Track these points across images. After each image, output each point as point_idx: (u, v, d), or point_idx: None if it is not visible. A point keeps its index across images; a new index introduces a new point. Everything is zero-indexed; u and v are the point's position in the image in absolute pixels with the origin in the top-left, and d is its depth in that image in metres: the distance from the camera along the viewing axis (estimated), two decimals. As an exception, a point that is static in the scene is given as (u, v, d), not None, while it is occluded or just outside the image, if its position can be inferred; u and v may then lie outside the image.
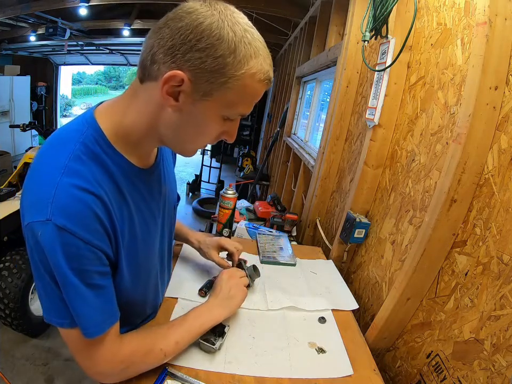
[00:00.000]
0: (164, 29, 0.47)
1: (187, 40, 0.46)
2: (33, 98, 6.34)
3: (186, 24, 0.46)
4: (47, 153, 0.52)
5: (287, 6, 3.07)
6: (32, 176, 0.51)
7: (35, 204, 0.48)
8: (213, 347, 0.71)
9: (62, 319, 0.52)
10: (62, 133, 0.55)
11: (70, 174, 0.48)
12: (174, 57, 0.47)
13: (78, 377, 1.77)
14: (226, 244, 0.99)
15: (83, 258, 0.49)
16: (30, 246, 0.49)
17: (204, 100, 0.50)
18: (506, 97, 0.67)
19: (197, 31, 0.45)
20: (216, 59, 0.46)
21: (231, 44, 0.46)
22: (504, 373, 0.58)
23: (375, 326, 0.91)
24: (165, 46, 0.47)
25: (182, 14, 0.47)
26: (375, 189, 1.19)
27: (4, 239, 1.98)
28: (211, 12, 0.47)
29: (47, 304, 0.53)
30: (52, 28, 3.96)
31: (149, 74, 0.50)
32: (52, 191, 0.47)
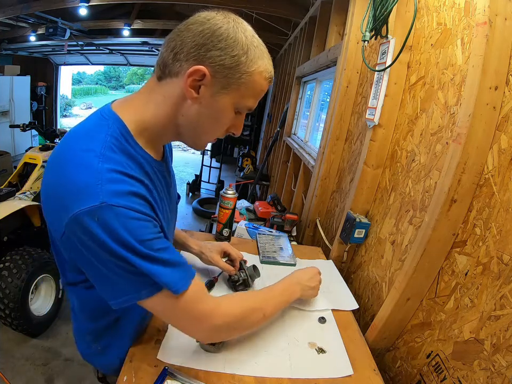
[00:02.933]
0: (185, 32, 0.55)
1: (209, 41, 0.54)
2: (33, 98, 6.34)
3: (207, 28, 0.54)
4: (76, 145, 0.53)
5: (287, 6, 3.07)
6: (64, 167, 0.51)
7: (81, 191, 0.48)
8: (213, 347, 0.71)
9: (139, 292, 0.54)
10: (86, 126, 0.57)
11: (108, 161, 0.51)
12: (197, 55, 0.54)
13: (78, 377, 1.77)
14: (230, 249, 0.99)
15: (142, 228, 0.52)
16: (84, 236, 0.49)
17: (221, 93, 0.57)
18: (506, 97, 0.67)
19: (217, 34, 0.54)
20: (233, 57, 0.55)
21: (244, 45, 0.55)
22: (504, 373, 0.58)
23: (375, 326, 0.91)
24: (188, 46, 0.54)
25: (202, 20, 0.55)
26: (375, 189, 1.19)
27: (4, 239, 1.99)
28: (226, 20, 0.55)
29: (117, 288, 0.54)
30: (52, 27, 3.96)
31: (170, 71, 0.56)
32: (97, 176, 0.49)
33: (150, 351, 0.70)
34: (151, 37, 5.00)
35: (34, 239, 2.16)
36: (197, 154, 7.25)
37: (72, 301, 0.70)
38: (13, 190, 2.07)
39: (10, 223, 1.99)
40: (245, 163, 5.39)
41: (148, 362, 0.67)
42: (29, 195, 2.17)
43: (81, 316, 0.70)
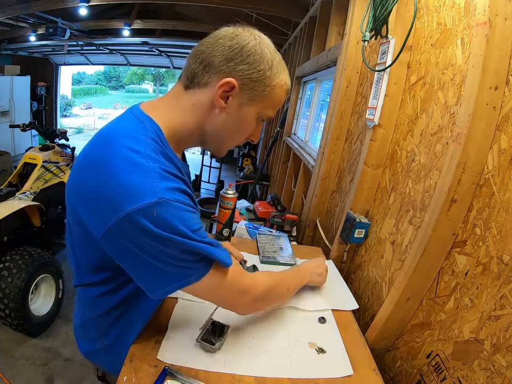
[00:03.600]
0: (215, 46, 0.59)
1: (238, 55, 0.58)
2: (33, 98, 6.34)
3: (236, 43, 0.59)
4: (119, 146, 0.54)
5: (287, 6, 3.07)
6: (111, 168, 0.52)
7: (136, 190, 0.50)
8: (213, 347, 0.71)
9: (189, 277, 0.58)
10: (122, 127, 0.59)
11: (155, 161, 0.54)
12: (227, 68, 0.59)
13: (78, 377, 1.77)
14: (231, 249, 0.99)
15: (192, 219, 0.56)
16: (137, 233, 0.51)
17: (247, 103, 0.62)
18: (506, 97, 0.67)
19: (246, 49, 0.59)
20: (259, 72, 0.60)
21: (269, 61, 0.61)
22: (504, 373, 0.58)
23: (375, 326, 0.91)
24: (218, 59, 0.58)
25: (231, 35, 0.59)
26: (375, 189, 1.19)
27: (4, 239, 1.99)
28: (252, 36, 0.60)
29: (165, 278, 0.57)
30: (52, 27, 3.96)
31: (199, 82, 0.61)
32: (151, 174, 0.51)
33: (150, 351, 0.70)
34: (151, 37, 5.00)
35: (34, 239, 2.16)
36: (197, 154, 7.25)
37: (80, 300, 0.71)
38: (13, 190, 2.07)
39: (10, 223, 1.99)
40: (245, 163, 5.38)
41: (148, 362, 0.67)
42: (29, 195, 2.17)
43: (88, 313, 0.72)
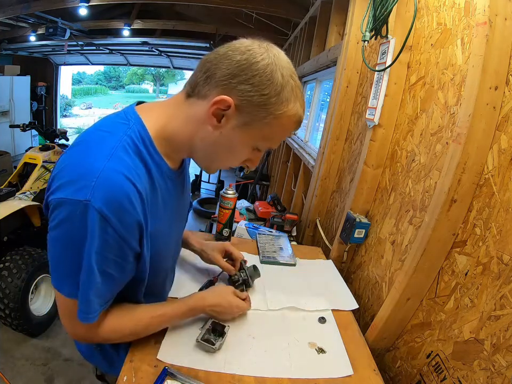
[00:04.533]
0: (223, 57, 0.54)
1: (243, 73, 0.53)
2: (33, 98, 6.34)
3: (245, 59, 0.53)
4: (94, 138, 0.55)
5: (287, 6, 3.07)
6: (75, 155, 0.53)
7: (76, 181, 0.49)
8: (212, 347, 0.71)
9: (66, 287, 0.55)
10: (108, 122, 0.58)
11: (116, 161, 0.51)
12: (227, 84, 0.53)
13: (78, 377, 1.77)
14: (231, 249, 0.98)
15: (108, 246, 0.52)
16: (57, 219, 0.51)
17: (243, 128, 0.56)
18: (506, 97, 0.67)
19: (253, 68, 0.53)
20: (263, 96, 0.53)
21: (278, 86, 0.54)
22: (504, 373, 0.58)
23: (375, 326, 0.91)
24: (221, 72, 0.53)
25: (243, 49, 0.54)
26: (375, 189, 1.19)
27: (4, 239, 1.99)
28: (267, 54, 0.54)
29: (59, 272, 0.55)
30: (52, 27, 3.96)
31: (199, 92, 0.56)
32: (96, 173, 0.49)
33: (150, 351, 0.70)
34: (151, 37, 5.00)
35: (34, 239, 2.16)
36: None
37: None
38: (13, 190, 2.07)
39: (10, 223, 1.99)
40: (245, 163, 5.37)
41: (148, 362, 0.67)
42: (29, 195, 2.17)
43: None
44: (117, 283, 0.58)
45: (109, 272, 0.54)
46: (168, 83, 25.42)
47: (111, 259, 0.53)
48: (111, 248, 0.52)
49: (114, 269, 0.55)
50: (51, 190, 0.52)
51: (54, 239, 0.53)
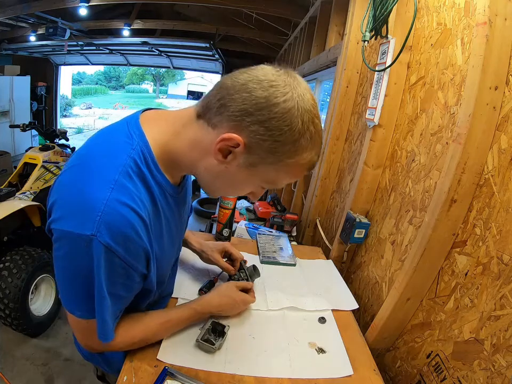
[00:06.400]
0: (242, 88, 0.49)
1: (259, 113, 0.48)
2: (33, 98, 6.33)
3: (265, 97, 0.47)
4: (95, 160, 0.52)
5: (287, 6, 3.07)
6: (76, 181, 0.51)
7: (80, 213, 0.48)
8: (212, 347, 0.71)
9: (79, 311, 0.55)
10: (110, 139, 0.55)
11: (119, 190, 0.49)
12: (240, 121, 0.49)
13: (78, 377, 1.77)
14: (231, 249, 0.98)
15: (116, 273, 0.53)
16: (62, 250, 0.51)
17: (249, 168, 0.53)
18: (506, 97, 0.67)
19: (272, 110, 0.47)
20: (276, 142, 0.49)
21: (295, 134, 0.49)
22: (504, 373, 0.58)
23: (375, 326, 0.91)
24: (236, 106, 0.48)
25: (265, 84, 0.48)
26: (375, 189, 1.19)
27: (4, 239, 1.98)
28: (291, 93, 0.48)
29: (69, 297, 0.56)
30: (52, 27, 3.96)
31: (209, 119, 0.52)
32: (100, 206, 0.47)
33: (150, 351, 0.70)
34: (151, 37, 5.00)
35: (34, 239, 2.16)
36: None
37: None
38: (13, 190, 2.07)
39: (10, 223, 1.99)
40: (245, 163, 5.38)
41: (148, 362, 0.67)
42: (29, 195, 2.17)
43: None
44: (126, 301, 0.61)
45: (118, 293, 0.56)
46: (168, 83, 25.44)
47: (119, 283, 0.55)
48: (119, 275, 0.53)
49: (123, 290, 0.57)
50: (53, 218, 0.51)
51: (61, 268, 0.53)
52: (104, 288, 0.52)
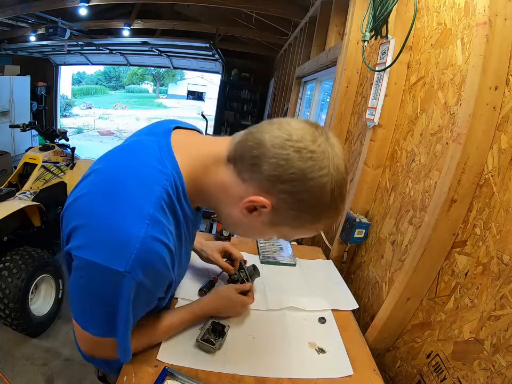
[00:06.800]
0: (280, 156, 0.47)
1: (292, 183, 0.47)
2: (33, 98, 6.33)
3: (301, 169, 0.47)
4: (128, 187, 0.50)
5: (287, 6, 3.07)
6: (109, 208, 0.49)
7: (114, 248, 0.48)
8: (212, 347, 0.71)
9: (96, 330, 0.56)
10: (141, 162, 0.53)
11: (154, 226, 0.49)
12: (271, 186, 0.49)
13: (78, 377, 1.77)
14: (231, 249, 0.99)
15: (140, 301, 0.55)
16: (87, 278, 0.51)
17: (270, 224, 0.54)
18: (506, 97, 0.67)
19: (306, 184, 0.47)
20: (301, 212, 0.50)
21: (322, 207, 0.50)
22: (504, 373, 0.58)
23: (375, 326, 0.91)
24: (271, 171, 0.48)
25: (303, 154, 0.47)
26: (375, 189, 1.19)
27: (4, 239, 1.98)
28: (327, 169, 0.47)
29: (86, 317, 0.56)
30: (52, 27, 3.96)
31: (240, 171, 0.52)
32: (135, 244, 0.47)
33: (150, 351, 0.70)
34: (151, 37, 5.01)
35: (34, 239, 2.16)
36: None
37: None
38: (13, 190, 2.07)
39: (10, 223, 1.99)
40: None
41: (148, 362, 0.67)
42: (29, 195, 2.17)
43: None
44: (140, 317, 0.62)
45: (139, 313, 0.59)
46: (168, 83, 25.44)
47: (141, 308, 0.58)
48: (143, 301, 0.56)
49: (142, 311, 0.60)
50: (78, 244, 0.49)
51: (81, 292, 0.53)
52: (128, 314, 0.53)
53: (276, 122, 0.51)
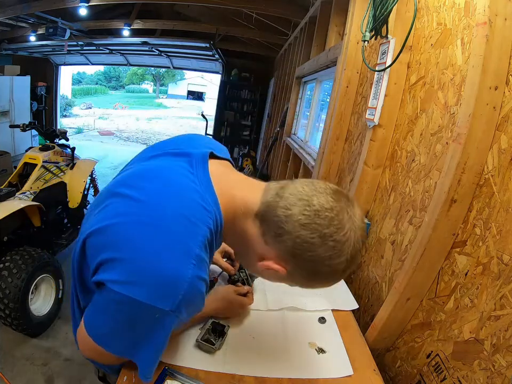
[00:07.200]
0: (304, 237, 0.49)
1: (308, 264, 0.50)
2: (33, 98, 6.32)
3: (319, 256, 0.49)
4: (173, 222, 0.49)
5: (287, 6, 3.07)
6: (155, 245, 0.48)
7: (161, 288, 0.47)
8: (212, 347, 0.71)
9: (113, 350, 0.55)
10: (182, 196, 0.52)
11: (199, 266, 0.49)
12: (289, 258, 0.51)
13: (78, 377, 1.77)
14: (229, 249, 0.98)
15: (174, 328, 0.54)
16: (125, 313, 0.49)
17: (285, 279, 0.57)
18: (506, 97, 0.67)
19: (320, 267, 0.50)
20: (314, 281, 0.56)
21: (332, 276, 0.54)
22: (504, 373, 0.58)
23: (375, 326, 0.91)
24: (293, 248, 0.50)
25: (327, 241, 0.48)
26: (375, 189, 1.19)
27: (4, 239, 1.98)
28: (345, 256, 0.49)
29: (109, 338, 0.54)
30: (52, 27, 3.95)
31: (265, 233, 0.53)
32: (183, 285, 0.47)
33: (150, 351, 0.70)
34: (151, 37, 5.01)
35: (34, 239, 2.16)
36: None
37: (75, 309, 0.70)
38: (13, 190, 2.07)
39: (10, 223, 1.99)
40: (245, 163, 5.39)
41: (148, 362, 0.67)
42: (29, 195, 2.17)
43: None
44: None
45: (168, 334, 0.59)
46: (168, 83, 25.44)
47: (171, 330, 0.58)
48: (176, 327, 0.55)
49: None
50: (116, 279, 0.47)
51: (116, 322, 0.52)
52: (164, 345, 0.54)
53: (308, 193, 0.51)
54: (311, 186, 0.52)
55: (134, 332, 0.52)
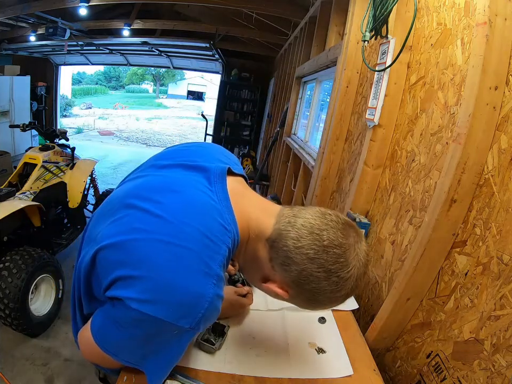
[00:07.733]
0: (313, 267, 0.50)
1: (310, 293, 0.53)
2: (33, 98, 6.32)
3: (322, 289, 0.51)
4: (195, 244, 0.49)
5: (287, 6, 3.07)
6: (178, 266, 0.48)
7: (182, 307, 0.48)
8: (212, 347, 0.71)
9: (121, 358, 0.55)
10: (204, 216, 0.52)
11: (219, 285, 0.50)
12: (293, 286, 0.53)
13: (78, 377, 1.77)
14: None
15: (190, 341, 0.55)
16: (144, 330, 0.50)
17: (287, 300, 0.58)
18: (506, 97, 0.67)
19: (321, 298, 0.53)
20: (310, 306, 0.58)
21: (330, 306, 0.57)
22: (504, 373, 0.58)
23: (375, 326, 0.91)
24: (297, 278, 0.52)
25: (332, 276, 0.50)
26: (375, 189, 1.19)
27: (4, 239, 1.98)
28: (345, 290, 0.52)
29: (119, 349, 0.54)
30: (52, 27, 3.95)
31: (273, 258, 0.55)
32: (204, 304, 0.48)
33: (150, 351, 0.70)
34: (151, 37, 5.00)
35: (34, 239, 2.16)
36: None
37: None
38: (13, 190, 2.07)
39: (10, 223, 1.99)
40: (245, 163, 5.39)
41: (148, 362, 0.67)
42: (29, 195, 2.17)
43: None
44: None
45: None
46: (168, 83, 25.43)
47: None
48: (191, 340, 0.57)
49: None
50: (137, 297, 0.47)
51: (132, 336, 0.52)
52: (179, 357, 0.56)
53: (320, 227, 0.52)
54: (323, 219, 0.53)
55: (148, 345, 0.53)
